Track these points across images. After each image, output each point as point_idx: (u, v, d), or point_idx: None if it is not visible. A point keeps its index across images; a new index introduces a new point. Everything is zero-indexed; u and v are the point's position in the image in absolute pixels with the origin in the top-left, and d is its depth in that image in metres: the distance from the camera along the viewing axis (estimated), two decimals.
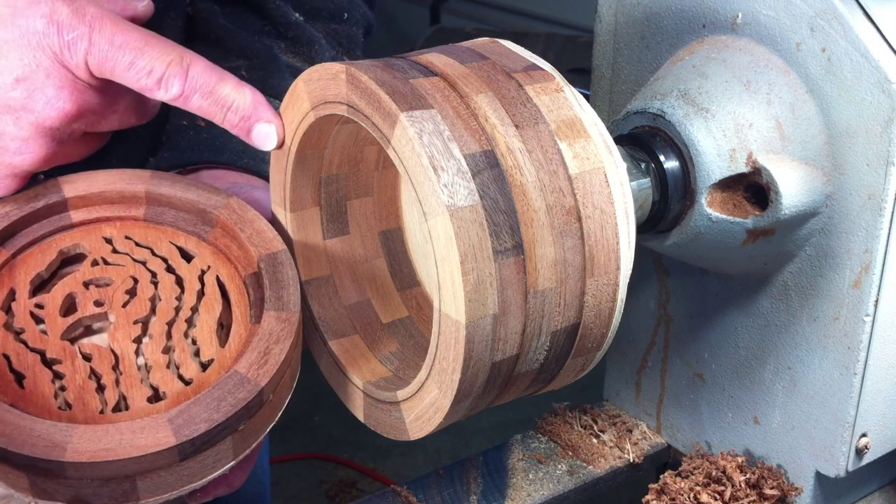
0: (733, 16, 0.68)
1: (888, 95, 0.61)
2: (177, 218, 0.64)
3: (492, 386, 0.55)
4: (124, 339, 0.58)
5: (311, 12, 0.86)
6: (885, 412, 0.71)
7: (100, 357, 0.57)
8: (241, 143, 0.65)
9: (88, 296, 0.59)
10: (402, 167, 0.52)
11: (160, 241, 0.63)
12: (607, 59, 0.79)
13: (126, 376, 0.56)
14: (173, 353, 0.58)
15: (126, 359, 0.57)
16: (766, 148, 0.65)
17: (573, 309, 0.55)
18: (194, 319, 0.60)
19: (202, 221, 0.64)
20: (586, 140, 0.56)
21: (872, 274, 0.65)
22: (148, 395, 0.56)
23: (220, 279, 0.62)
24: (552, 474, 0.79)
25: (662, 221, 0.68)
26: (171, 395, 0.56)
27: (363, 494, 1.56)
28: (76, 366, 0.56)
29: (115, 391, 0.55)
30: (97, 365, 0.56)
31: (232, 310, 0.61)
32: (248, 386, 0.55)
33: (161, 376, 0.57)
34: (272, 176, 0.65)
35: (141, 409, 0.55)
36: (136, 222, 0.64)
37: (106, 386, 0.56)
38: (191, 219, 0.64)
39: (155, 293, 0.60)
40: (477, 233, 0.51)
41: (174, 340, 0.58)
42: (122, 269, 0.61)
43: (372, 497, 0.77)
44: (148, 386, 0.56)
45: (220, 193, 0.65)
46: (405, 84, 0.54)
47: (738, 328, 0.75)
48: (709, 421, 0.80)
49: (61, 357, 0.56)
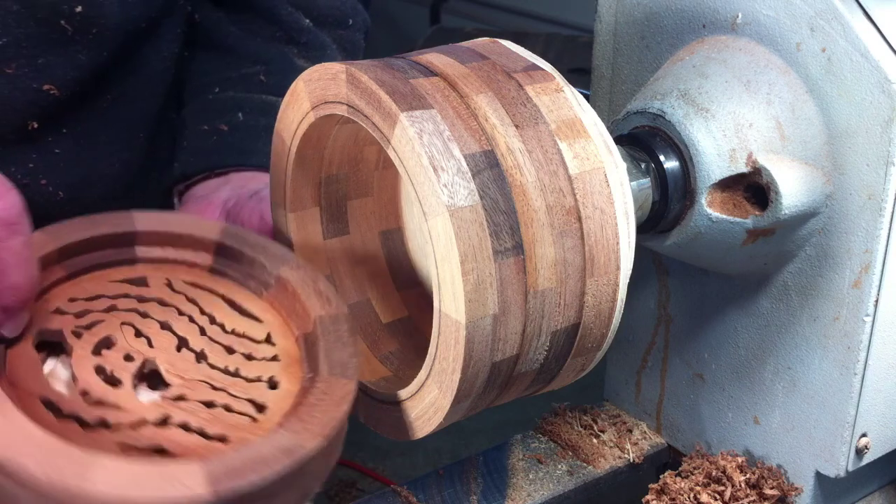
0: (733, 16, 0.68)
1: (888, 95, 0.61)
2: (239, 271, 0.62)
3: (492, 386, 0.55)
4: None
5: (318, 18, 0.86)
6: (885, 412, 0.71)
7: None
8: (268, 144, 0.64)
9: (133, 339, 0.55)
10: (402, 167, 0.52)
11: (217, 292, 0.61)
12: (607, 59, 0.79)
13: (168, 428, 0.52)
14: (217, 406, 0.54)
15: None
16: (766, 148, 0.65)
17: (573, 309, 0.55)
18: (241, 372, 0.56)
19: (264, 278, 0.61)
20: (586, 140, 0.56)
21: (872, 274, 0.65)
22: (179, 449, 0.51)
23: (270, 336, 0.59)
24: (552, 474, 0.79)
25: (662, 221, 0.68)
26: (202, 448, 0.51)
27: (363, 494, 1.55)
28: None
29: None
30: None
31: (284, 368, 0.57)
32: (298, 452, 0.49)
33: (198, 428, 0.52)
34: (272, 176, 0.65)
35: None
36: (201, 270, 0.61)
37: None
38: (252, 274, 0.62)
39: (205, 341, 0.57)
40: (477, 233, 0.51)
41: (219, 394, 0.54)
42: (175, 313, 0.58)
43: (372, 497, 0.76)
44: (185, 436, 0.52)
45: (280, 250, 0.62)
46: (405, 84, 0.54)
47: (738, 328, 0.75)
48: (709, 421, 0.80)
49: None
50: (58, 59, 0.73)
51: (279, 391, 0.56)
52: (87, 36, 0.73)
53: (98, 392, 0.52)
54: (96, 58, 0.75)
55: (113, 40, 0.75)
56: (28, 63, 0.72)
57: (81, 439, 0.49)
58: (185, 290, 0.60)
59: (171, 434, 0.52)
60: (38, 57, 0.72)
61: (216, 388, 0.55)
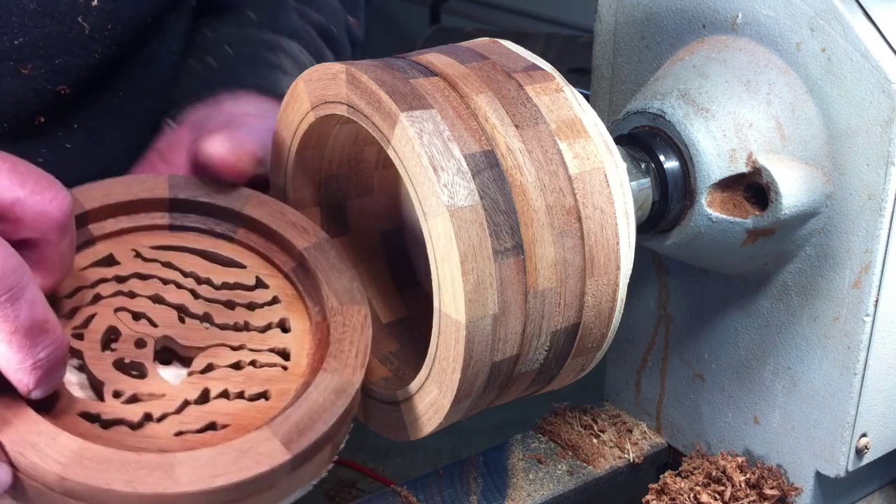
0: (733, 16, 0.68)
1: (888, 95, 0.61)
2: (200, 221, 0.60)
3: (492, 386, 0.55)
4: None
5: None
6: (885, 412, 0.71)
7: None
8: (263, 69, 0.60)
9: (133, 320, 0.55)
10: (402, 167, 0.52)
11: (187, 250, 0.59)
12: (607, 59, 0.79)
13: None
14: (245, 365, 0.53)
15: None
16: (766, 148, 0.65)
17: (573, 309, 0.55)
18: (251, 324, 0.56)
19: (228, 221, 0.60)
20: (586, 140, 0.56)
21: (872, 274, 0.65)
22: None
23: (260, 279, 0.58)
24: (552, 474, 0.79)
25: (662, 221, 0.68)
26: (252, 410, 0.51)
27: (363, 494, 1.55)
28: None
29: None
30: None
31: (287, 308, 0.56)
32: (348, 390, 0.51)
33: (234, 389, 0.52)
34: (272, 177, 0.65)
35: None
36: (162, 230, 0.59)
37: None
38: (215, 221, 0.60)
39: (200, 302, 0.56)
40: (477, 233, 0.51)
41: (240, 353, 0.54)
42: (160, 283, 0.56)
43: (372, 497, 0.76)
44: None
45: (238, 189, 0.61)
46: (405, 84, 0.54)
47: (738, 328, 0.75)
48: (709, 421, 0.80)
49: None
50: (74, 59, 0.72)
51: (293, 333, 0.56)
52: (104, 33, 0.73)
53: (129, 388, 0.51)
54: (108, 54, 0.74)
55: (123, 35, 0.75)
56: (45, 64, 0.71)
57: (137, 440, 0.49)
58: (156, 255, 0.58)
59: (216, 407, 0.51)
60: (55, 57, 0.71)
61: (236, 348, 0.54)
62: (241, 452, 0.47)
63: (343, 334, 0.54)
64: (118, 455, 0.46)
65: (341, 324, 0.55)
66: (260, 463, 0.47)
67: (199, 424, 0.50)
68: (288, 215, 0.60)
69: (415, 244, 0.69)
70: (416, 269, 0.70)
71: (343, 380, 0.52)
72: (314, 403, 0.50)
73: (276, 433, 0.48)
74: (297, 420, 0.49)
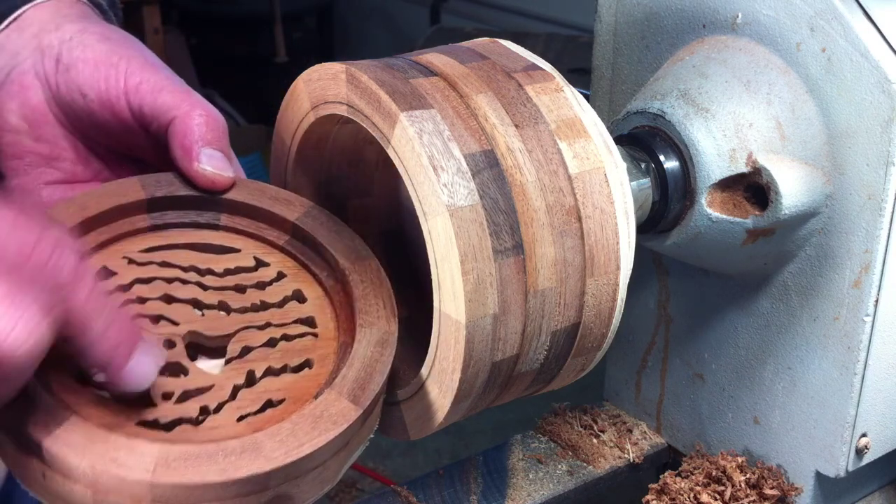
0: (733, 16, 0.68)
1: (888, 95, 0.61)
2: (181, 216, 0.59)
3: (492, 386, 0.55)
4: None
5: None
6: (885, 412, 0.71)
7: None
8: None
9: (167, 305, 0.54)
10: (401, 167, 0.52)
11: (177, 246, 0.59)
12: (607, 59, 0.79)
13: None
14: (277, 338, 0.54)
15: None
16: (766, 148, 0.65)
17: (573, 309, 0.55)
18: (268, 302, 0.56)
19: (210, 209, 0.59)
20: (586, 140, 0.56)
21: (872, 274, 0.65)
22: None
23: (260, 259, 0.58)
24: (552, 474, 0.79)
25: (662, 221, 0.68)
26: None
27: (363, 494, 1.55)
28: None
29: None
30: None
31: (295, 280, 0.57)
32: (390, 339, 0.53)
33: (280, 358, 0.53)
34: (272, 178, 0.65)
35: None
36: (145, 233, 0.58)
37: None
38: (196, 212, 0.60)
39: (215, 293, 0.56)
40: (477, 232, 0.51)
41: (269, 330, 0.54)
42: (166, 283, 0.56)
43: (372, 497, 0.77)
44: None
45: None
46: (405, 84, 0.54)
47: (738, 328, 0.75)
48: (709, 421, 0.80)
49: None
50: None
51: (310, 301, 0.57)
52: None
53: (177, 387, 0.51)
54: None
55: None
56: None
57: (204, 434, 0.50)
58: (149, 257, 0.57)
59: (266, 385, 0.52)
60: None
61: (262, 328, 0.55)
62: (315, 418, 0.48)
63: (365, 290, 0.56)
64: (200, 449, 0.46)
65: (359, 281, 0.56)
66: (337, 423, 0.48)
67: (256, 405, 0.51)
68: (268, 191, 0.60)
69: (414, 244, 0.69)
70: (416, 269, 0.70)
71: (382, 331, 0.54)
72: (365, 358, 0.52)
73: (341, 393, 0.50)
74: (355, 377, 0.51)
